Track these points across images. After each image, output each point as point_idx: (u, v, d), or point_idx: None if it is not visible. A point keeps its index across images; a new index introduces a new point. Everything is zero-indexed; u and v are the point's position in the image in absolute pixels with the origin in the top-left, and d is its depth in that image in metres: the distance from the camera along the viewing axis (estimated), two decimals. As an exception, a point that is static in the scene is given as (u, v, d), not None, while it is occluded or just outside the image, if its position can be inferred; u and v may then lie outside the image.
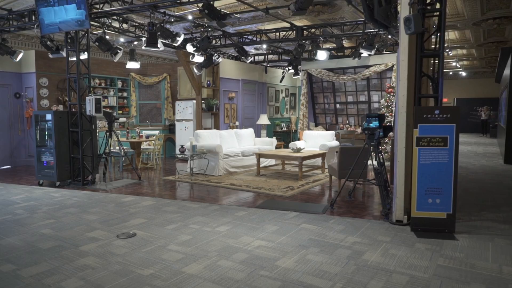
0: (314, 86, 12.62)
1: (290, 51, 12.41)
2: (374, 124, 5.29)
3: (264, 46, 12.34)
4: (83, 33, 7.06)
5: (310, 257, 3.68)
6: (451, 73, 22.57)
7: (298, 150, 8.18)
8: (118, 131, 10.15)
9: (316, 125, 12.83)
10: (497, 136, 18.39)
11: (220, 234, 4.35)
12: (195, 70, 9.80)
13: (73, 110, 7.31)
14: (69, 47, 7.08)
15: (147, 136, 10.14)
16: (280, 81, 12.59)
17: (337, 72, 11.77)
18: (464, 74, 22.09)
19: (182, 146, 7.85)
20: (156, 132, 10.65)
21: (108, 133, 7.52)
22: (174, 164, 10.12)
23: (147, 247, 3.94)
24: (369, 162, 5.62)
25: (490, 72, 21.73)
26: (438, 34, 4.61)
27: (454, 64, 18.37)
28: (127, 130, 9.49)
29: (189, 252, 3.80)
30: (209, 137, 8.72)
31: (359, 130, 11.40)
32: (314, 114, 12.91)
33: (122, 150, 7.79)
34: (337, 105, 12.34)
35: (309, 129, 12.44)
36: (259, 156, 8.22)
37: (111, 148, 8.87)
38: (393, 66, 10.65)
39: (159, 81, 12.09)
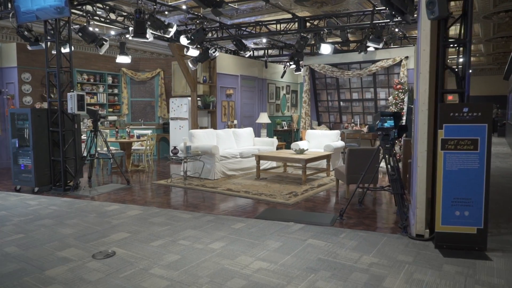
0: (317, 83, 11.98)
1: (291, 45, 11.77)
2: (389, 123, 4.67)
3: (264, 40, 11.70)
4: (64, 22, 6.41)
5: (320, 285, 3.05)
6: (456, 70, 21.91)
7: (301, 151, 7.55)
8: (107, 130, 9.51)
9: (319, 124, 12.20)
10: (506, 135, 17.79)
11: (214, 253, 3.72)
12: (190, 65, 9.15)
13: (55, 107, 6.67)
14: (48, 38, 6.43)
15: (139, 136, 9.49)
16: (281, 77, 11.96)
17: (342, 68, 11.13)
18: (469, 71, 21.43)
19: (174, 147, 7.21)
20: (149, 132, 10.01)
21: (93, 133, 6.88)
22: (168, 166, 9.49)
23: (126, 271, 3.31)
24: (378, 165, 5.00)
25: (496, 69, 21.11)
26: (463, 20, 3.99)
27: (461, 60, 17.71)
28: (116, 129, 8.84)
29: (175, 278, 3.17)
30: (204, 137, 8.08)
31: (365, 129, 10.77)
32: (317, 112, 12.28)
33: (109, 152, 7.15)
34: (341, 103, 11.71)
35: (311, 128, 11.80)
36: (259, 158, 7.59)
37: (99, 149, 8.23)
38: (401, 61, 10.02)
39: (152, 76, 11.44)
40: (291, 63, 11.99)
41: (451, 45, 4.10)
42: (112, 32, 10.48)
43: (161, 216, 4.99)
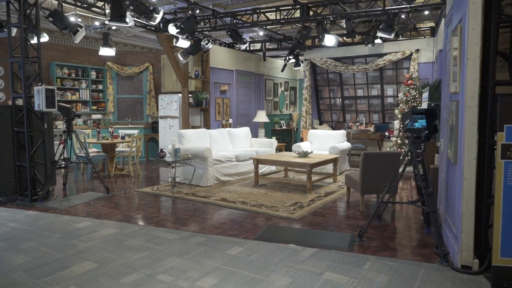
0: (318, 78, 11.10)
1: (290, 37, 10.88)
2: (421, 123, 3.80)
3: (261, 33, 10.80)
4: (32, 4, 5.46)
5: None
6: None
7: (305, 154, 6.67)
8: (88, 130, 8.57)
9: (320, 123, 11.33)
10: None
11: (203, 294, 2.83)
12: (180, 58, 8.22)
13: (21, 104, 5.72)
14: (11, 23, 5.48)
15: (124, 137, 8.56)
16: (282, 71, 11.00)
17: (345, 62, 10.26)
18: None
19: (161, 150, 6.29)
20: (135, 132, 9.08)
21: (66, 134, 5.95)
22: (157, 171, 8.57)
23: (82, 327, 2.41)
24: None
25: None
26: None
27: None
28: (98, 129, 7.91)
29: None
30: (196, 138, 7.17)
31: (371, 128, 9.92)
32: (318, 110, 11.41)
33: (86, 155, 6.23)
34: (345, 100, 10.84)
35: (313, 127, 10.93)
36: (257, 162, 6.70)
37: (78, 151, 7.30)
38: (411, 54, 9.17)
39: (140, 71, 10.50)
40: (290, 57, 11.09)
41: (506, 23, 3.22)
42: (97, 23, 9.53)
43: (140, 236, 4.08)
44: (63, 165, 6.49)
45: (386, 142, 9.69)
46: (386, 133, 9.80)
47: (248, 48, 11.50)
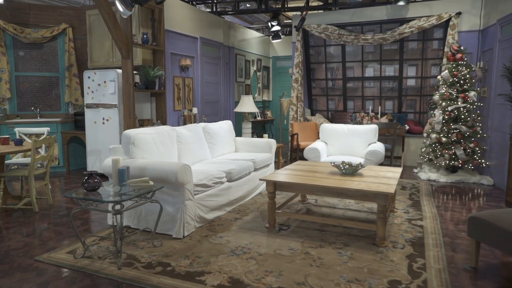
0: (311, 53, 8.31)
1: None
2: None
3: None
4: None
5: None
6: None
7: (354, 170, 3.85)
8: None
9: (312, 113, 8.59)
10: None
11: None
12: (120, 8, 4.86)
13: None
14: None
15: (20, 141, 4.99)
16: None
17: (353, 30, 7.58)
18: None
19: (90, 175, 3.00)
20: (45, 130, 5.57)
21: None
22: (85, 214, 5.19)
23: None
24: None
25: None
26: None
27: None
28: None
29: None
30: (155, 144, 4.00)
31: (384, 120, 7.38)
32: (310, 96, 8.65)
33: None
34: (348, 83, 8.19)
35: (305, 119, 8.15)
36: (275, 186, 3.72)
37: None
38: (449, 19, 6.72)
39: (52, 36, 6.88)
40: (274, 23, 8.15)
41: None
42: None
43: None
44: None
45: (412, 139, 7.24)
46: (406, 126, 7.34)
47: (215, 9, 8.32)
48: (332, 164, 4.07)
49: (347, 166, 3.92)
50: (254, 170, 4.88)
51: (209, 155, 4.99)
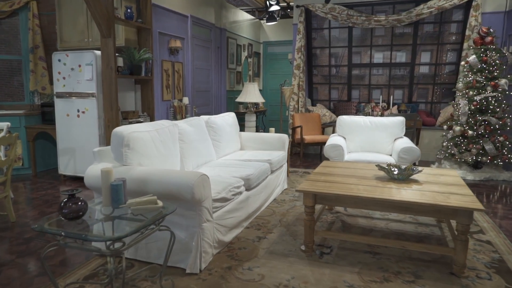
0: (313, 36, 7.47)
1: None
2: None
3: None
4: None
5: None
6: None
7: (408, 175, 3.07)
8: None
9: (312, 104, 7.79)
10: None
11: None
12: (100, -29, 3.84)
13: None
14: None
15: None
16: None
17: (363, 11, 6.79)
18: None
19: (69, 196, 2.06)
20: (4, 125, 4.47)
21: None
22: (59, 253, 4.19)
23: None
24: None
25: None
26: None
27: None
28: None
29: None
30: (155, 146, 3.06)
31: (394, 110, 6.69)
32: (310, 84, 7.83)
33: None
34: (353, 70, 7.42)
35: (307, 110, 7.34)
36: (315, 199, 2.88)
37: None
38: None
39: (12, 10, 5.70)
40: (272, 2, 7.24)
41: None
42: None
43: None
44: None
45: (425, 132, 6.59)
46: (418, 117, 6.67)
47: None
48: (378, 167, 3.27)
49: (395, 169, 3.14)
50: (271, 172, 4.04)
51: (214, 155, 4.10)
